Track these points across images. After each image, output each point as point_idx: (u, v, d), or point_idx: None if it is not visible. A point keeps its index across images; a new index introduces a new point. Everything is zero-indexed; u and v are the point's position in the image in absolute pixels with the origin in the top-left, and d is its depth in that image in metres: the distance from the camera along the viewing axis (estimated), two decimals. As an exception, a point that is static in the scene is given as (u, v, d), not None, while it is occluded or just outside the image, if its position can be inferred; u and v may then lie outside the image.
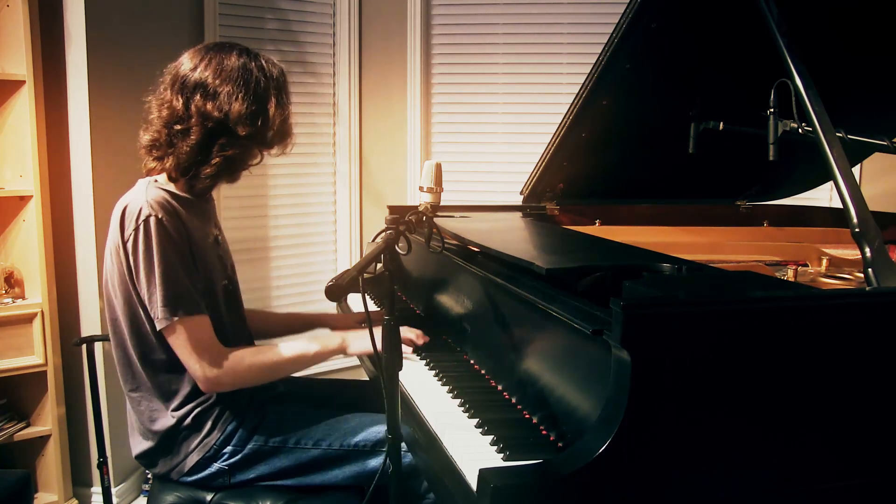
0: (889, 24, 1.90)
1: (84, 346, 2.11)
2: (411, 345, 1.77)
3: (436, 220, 1.59)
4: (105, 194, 2.56)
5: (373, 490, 1.46)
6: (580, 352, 1.24)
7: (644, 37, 1.85)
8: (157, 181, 1.65)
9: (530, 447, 1.25)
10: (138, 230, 1.53)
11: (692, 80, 2.04)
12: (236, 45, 1.66)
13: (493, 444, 1.26)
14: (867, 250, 1.32)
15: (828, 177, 1.45)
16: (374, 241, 1.67)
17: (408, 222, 1.44)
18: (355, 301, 2.30)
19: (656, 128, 2.19)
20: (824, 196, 3.11)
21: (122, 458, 2.69)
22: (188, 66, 1.61)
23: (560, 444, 1.26)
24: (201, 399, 1.64)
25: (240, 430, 1.65)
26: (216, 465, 1.64)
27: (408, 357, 1.74)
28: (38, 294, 2.42)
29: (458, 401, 1.48)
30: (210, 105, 1.58)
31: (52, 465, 2.49)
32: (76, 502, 2.58)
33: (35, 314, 2.39)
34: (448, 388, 1.56)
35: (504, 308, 1.56)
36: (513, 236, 2.02)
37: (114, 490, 2.54)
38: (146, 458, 1.69)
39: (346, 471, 1.66)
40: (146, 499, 2.50)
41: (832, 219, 2.50)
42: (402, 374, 1.34)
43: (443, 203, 1.61)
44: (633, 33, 1.83)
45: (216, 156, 1.61)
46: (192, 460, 1.64)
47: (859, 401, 1.18)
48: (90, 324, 2.55)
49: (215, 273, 1.70)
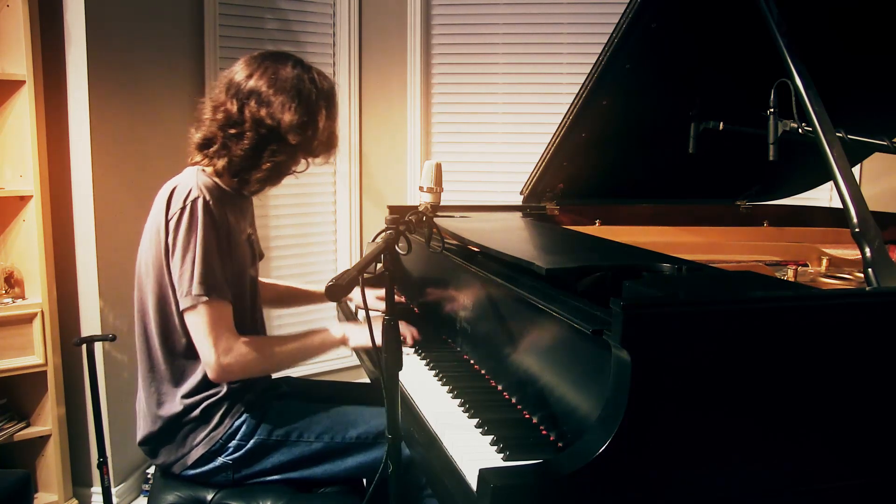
0: (889, 24, 1.90)
1: (84, 346, 2.10)
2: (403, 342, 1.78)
3: (436, 220, 1.59)
4: (105, 194, 2.56)
5: (374, 487, 1.46)
6: (580, 352, 1.24)
7: (644, 37, 1.85)
8: (204, 171, 1.69)
9: (530, 447, 1.25)
10: (184, 209, 1.58)
11: (692, 80, 2.04)
12: (291, 56, 1.72)
13: (493, 444, 1.26)
14: (867, 250, 1.32)
15: (828, 177, 1.45)
16: (374, 241, 1.67)
17: (408, 222, 1.44)
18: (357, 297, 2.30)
19: (656, 128, 2.19)
20: (824, 196, 3.11)
21: (122, 458, 2.69)
22: (244, 73, 1.67)
23: (560, 444, 1.26)
24: (212, 391, 1.66)
25: (245, 425, 1.66)
26: (220, 460, 1.65)
27: (407, 353, 1.75)
28: (38, 294, 2.42)
29: (458, 401, 1.48)
30: (264, 112, 1.63)
31: (52, 465, 2.49)
32: (76, 502, 2.58)
33: (35, 314, 2.39)
34: (448, 388, 1.56)
35: (504, 308, 1.56)
36: (513, 236, 2.02)
37: (114, 490, 2.54)
38: (149, 444, 1.70)
39: (348, 463, 1.68)
40: (146, 499, 2.50)
41: (832, 219, 2.50)
42: (402, 374, 1.34)
43: (443, 203, 1.61)
44: (633, 33, 1.83)
45: (266, 160, 1.67)
46: (198, 453, 1.65)
47: (859, 401, 1.18)
48: (90, 324, 2.55)
49: (246, 266, 1.74)
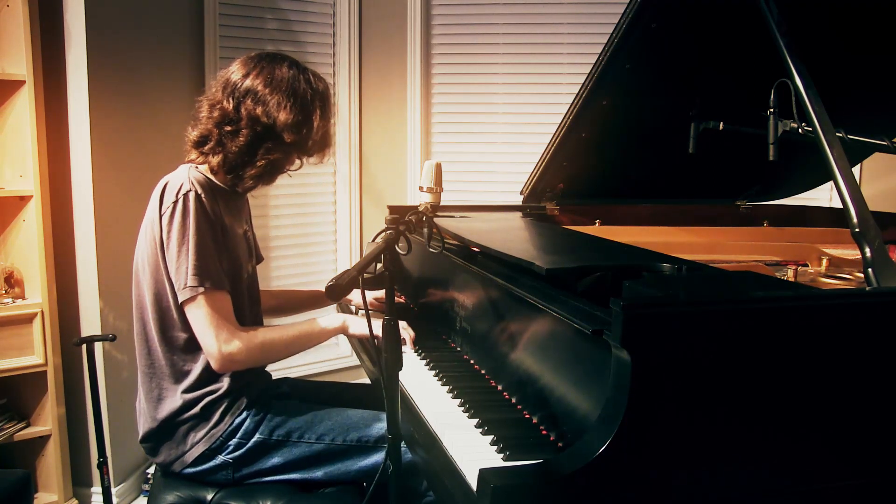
0: (889, 25, 1.90)
1: (84, 346, 2.11)
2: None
3: (436, 220, 1.59)
4: (105, 194, 2.56)
5: (374, 488, 1.46)
6: (580, 352, 1.24)
7: (644, 37, 1.85)
8: (197, 167, 1.71)
9: (530, 447, 1.25)
10: (177, 203, 1.60)
11: (692, 80, 2.04)
12: (287, 56, 1.74)
13: (493, 444, 1.26)
14: (867, 250, 1.32)
15: (828, 177, 1.45)
16: (374, 241, 1.67)
17: (408, 222, 1.44)
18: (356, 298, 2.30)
19: (656, 128, 2.19)
20: (824, 196, 3.11)
21: (122, 458, 2.69)
22: (240, 72, 1.70)
23: (560, 444, 1.26)
24: (212, 388, 1.66)
25: (245, 424, 1.67)
26: (220, 458, 1.66)
27: (405, 352, 1.75)
28: (38, 294, 2.42)
29: (458, 401, 1.48)
30: (260, 110, 1.66)
31: (52, 465, 2.49)
32: (76, 502, 2.58)
33: (35, 314, 2.40)
34: (448, 388, 1.56)
35: (504, 308, 1.56)
36: (513, 236, 2.02)
37: (114, 490, 2.54)
38: (150, 441, 1.70)
39: (348, 465, 1.68)
40: (146, 499, 2.50)
41: (832, 219, 2.50)
42: (402, 374, 1.34)
43: (443, 203, 1.61)
44: (633, 33, 1.83)
45: (261, 158, 1.69)
46: (198, 451, 1.65)
47: (859, 401, 1.18)
48: (90, 324, 2.55)
49: (242, 262, 1.75)
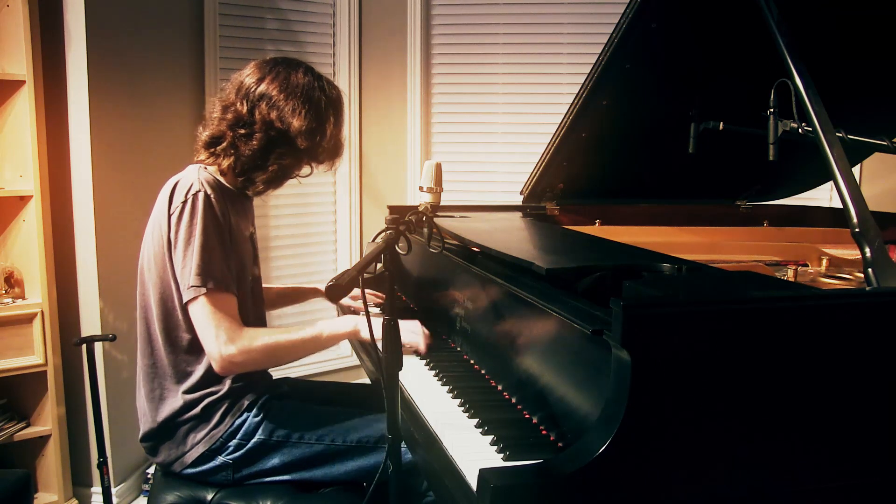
0: (889, 26, 1.90)
1: (84, 346, 2.11)
2: (416, 348, 1.77)
3: (436, 220, 1.59)
4: (105, 194, 2.56)
5: (373, 488, 1.46)
6: (580, 352, 1.24)
7: (644, 37, 1.85)
8: (206, 168, 1.71)
9: (530, 447, 1.25)
10: (186, 203, 1.60)
11: (692, 80, 2.04)
12: (302, 63, 1.75)
13: (493, 444, 1.26)
14: (867, 250, 1.32)
15: (828, 177, 1.45)
16: (374, 241, 1.68)
17: (408, 222, 1.43)
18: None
19: (656, 128, 2.19)
20: (824, 196, 3.11)
21: (122, 458, 2.69)
22: (255, 76, 1.70)
23: (560, 444, 1.26)
24: (213, 389, 1.66)
25: (246, 424, 1.66)
26: (220, 459, 1.65)
27: (419, 344, 1.76)
28: (38, 294, 2.42)
29: (458, 401, 1.48)
30: (274, 115, 1.66)
31: (52, 465, 2.49)
32: (76, 502, 2.58)
33: (35, 314, 2.40)
34: (448, 388, 1.56)
35: (504, 308, 1.56)
36: (513, 236, 2.02)
37: (114, 490, 2.54)
38: (150, 441, 1.70)
39: (348, 466, 1.67)
40: (146, 499, 2.50)
41: (832, 219, 2.50)
42: (402, 374, 1.34)
43: (443, 203, 1.61)
44: (633, 33, 1.83)
45: (273, 163, 1.70)
46: (198, 452, 1.65)
47: (859, 401, 1.17)
48: (90, 324, 2.55)
49: (248, 264, 1.76)
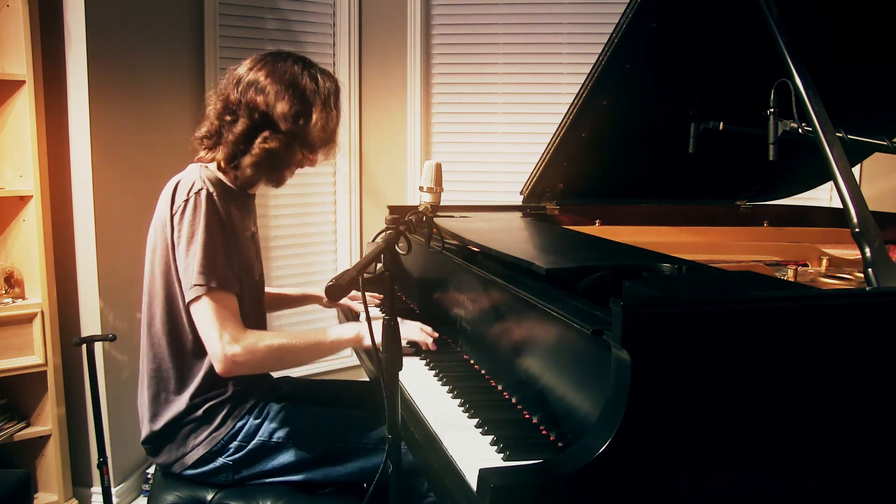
0: (888, 26, 1.90)
1: (84, 346, 2.11)
2: (424, 346, 1.77)
3: (436, 220, 1.59)
4: (105, 194, 2.56)
5: (373, 489, 1.46)
6: (580, 352, 1.24)
7: (644, 37, 1.85)
8: (207, 167, 1.71)
9: (530, 447, 1.25)
10: (188, 201, 1.59)
11: (692, 80, 2.04)
12: (298, 56, 1.75)
13: (493, 444, 1.26)
14: (867, 250, 1.32)
15: (828, 177, 1.45)
16: (374, 241, 1.67)
17: (408, 222, 1.44)
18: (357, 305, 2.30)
19: (656, 128, 2.19)
20: (824, 196, 3.11)
21: (122, 458, 2.69)
22: (246, 67, 1.72)
23: (560, 444, 1.26)
24: (216, 392, 1.66)
25: (246, 426, 1.66)
26: (220, 460, 1.65)
27: (427, 342, 1.76)
28: (38, 294, 2.42)
29: (458, 401, 1.48)
30: (260, 99, 1.67)
31: (52, 465, 2.49)
32: (76, 502, 2.58)
33: (35, 314, 2.40)
34: (448, 388, 1.56)
35: (504, 308, 1.56)
36: (513, 236, 2.02)
37: (114, 490, 2.54)
38: (152, 443, 1.70)
39: (348, 468, 1.67)
40: (146, 499, 2.50)
41: (832, 219, 2.50)
42: (402, 374, 1.34)
43: (443, 203, 1.61)
44: (633, 33, 1.83)
45: (257, 147, 1.68)
46: (198, 453, 1.65)
47: (860, 401, 1.18)
48: (90, 324, 2.55)
49: (251, 264, 1.75)
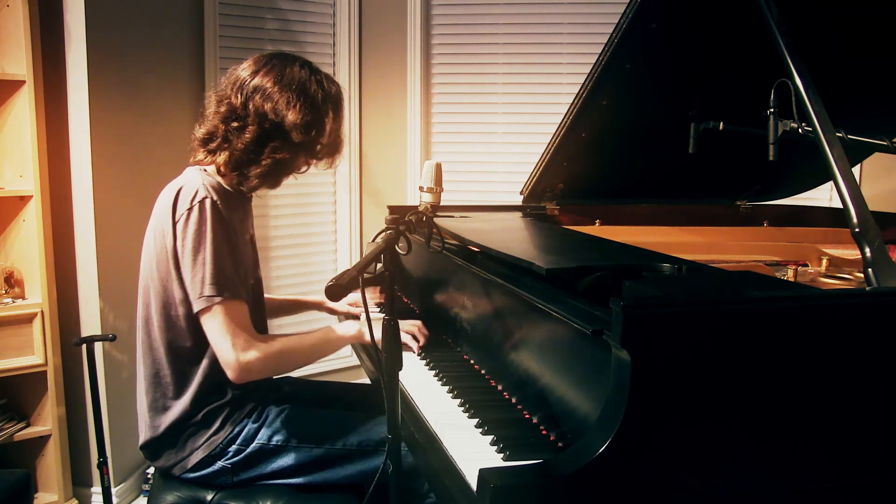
0: (888, 26, 1.90)
1: (84, 346, 2.10)
2: (413, 339, 1.79)
3: (436, 220, 1.59)
4: (105, 194, 2.56)
5: (374, 490, 1.46)
6: (580, 352, 1.24)
7: (644, 37, 1.85)
8: (206, 171, 1.68)
9: (530, 447, 1.25)
10: (192, 210, 1.57)
11: (692, 80, 2.04)
12: (300, 58, 1.71)
13: (493, 444, 1.26)
14: (867, 250, 1.32)
15: (828, 177, 1.45)
16: (374, 241, 1.68)
17: (408, 222, 1.44)
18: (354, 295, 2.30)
19: (656, 128, 2.19)
20: (824, 196, 3.11)
21: (122, 458, 2.69)
22: (250, 69, 1.67)
23: (560, 444, 1.26)
24: (214, 396, 1.65)
25: (245, 430, 1.66)
26: (220, 463, 1.65)
27: (410, 345, 1.78)
28: (38, 294, 2.42)
29: (458, 401, 1.48)
30: (268, 107, 1.62)
31: (52, 465, 2.49)
32: (76, 502, 2.58)
33: (35, 314, 2.39)
34: (448, 388, 1.56)
35: (504, 308, 1.56)
36: (513, 236, 2.02)
37: (114, 490, 2.54)
38: (151, 448, 1.69)
39: (348, 470, 1.67)
40: (146, 499, 2.50)
41: (832, 219, 2.50)
42: (402, 374, 1.34)
43: (443, 203, 1.61)
44: (633, 33, 1.83)
45: (267, 157, 1.65)
46: (198, 457, 1.65)
47: (860, 401, 1.18)
48: (90, 324, 2.55)
49: (249, 268, 1.74)
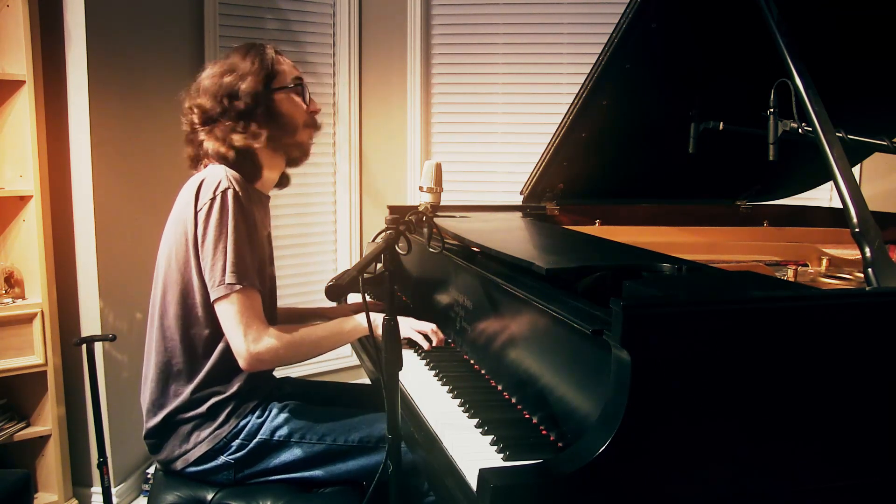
0: (889, 26, 1.90)
1: (84, 346, 2.11)
2: (424, 339, 1.80)
3: (436, 220, 1.59)
4: (105, 194, 2.56)
5: (374, 487, 1.47)
6: (580, 352, 1.24)
7: (644, 37, 1.85)
8: (228, 168, 1.70)
9: (530, 447, 1.25)
10: (215, 199, 1.60)
11: (692, 80, 2.04)
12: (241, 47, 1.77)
13: (493, 444, 1.26)
14: (867, 250, 1.32)
15: (828, 177, 1.45)
16: (374, 241, 1.68)
17: (408, 222, 1.44)
18: (355, 300, 2.30)
19: (656, 128, 2.19)
20: (824, 196, 3.11)
21: (122, 458, 2.69)
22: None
23: (560, 444, 1.26)
24: (220, 388, 1.67)
25: (249, 425, 1.67)
26: (222, 458, 1.66)
27: (421, 343, 1.79)
28: (38, 294, 2.42)
29: (458, 401, 1.48)
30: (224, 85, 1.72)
31: (52, 465, 2.49)
32: (76, 502, 2.58)
33: (35, 314, 2.39)
34: (448, 388, 1.56)
35: (504, 308, 1.56)
36: (513, 236, 2.02)
37: (114, 490, 2.54)
38: (154, 437, 1.70)
39: (349, 466, 1.68)
40: (146, 499, 2.50)
41: (832, 219, 2.50)
42: (402, 374, 1.34)
43: (443, 203, 1.61)
44: (633, 33, 1.83)
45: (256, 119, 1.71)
46: (201, 451, 1.65)
47: (859, 401, 1.18)
48: (90, 324, 2.55)
49: (265, 263, 1.77)
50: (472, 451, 1.24)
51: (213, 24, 3.10)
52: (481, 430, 1.32)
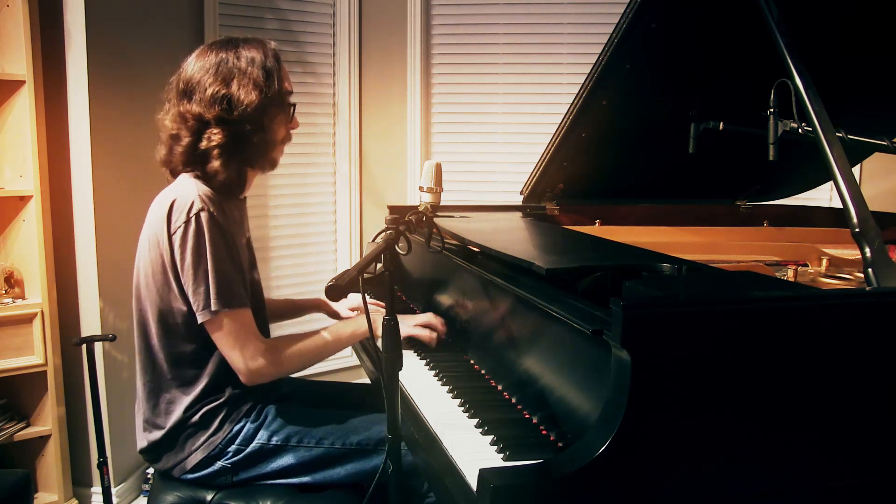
0: (889, 26, 1.90)
1: (84, 346, 2.11)
2: (433, 333, 1.81)
3: (436, 220, 1.59)
4: (105, 194, 2.56)
5: (374, 489, 1.46)
6: (580, 352, 1.24)
7: (644, 37, 1.85)
8: (198, 178, 1.66)
9: (530, 447, 1.25)
10: (189, 223, 1.56)
11: (692, 80, 2.04)
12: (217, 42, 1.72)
13: (493, 444, 1.26)
14: (867, 250, 1.32)
15: (828, 177, 1.45)
16: (374, 241, 1.67)
17: (408, 222, 1.43)
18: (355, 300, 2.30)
19: (656, 128, 2.19)
20: (824, 196, 3.11)
21: (122, 458, 2.69)
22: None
23: (560, 444, 1.26)
24: (212, 397, 1.65)
25: (245, 429, 1.66)
26: (219, 464, 1.65)
27: (422, 335, 1.80)
28: (38, 294, 2.42)
29: (458, 401, 1.48)
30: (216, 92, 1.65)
31: (52, 465, 2.49)
32: (76, 502, 2.58)
33: (35, 314, 2.39)
34: (448, 388, 1.56)
35: (504, 308, 1.56)
36: (513, 236, 2.02)
37: (114, 490, 2.54)
38: (152, 451, 1.69)
39: (348, 469, 1.67)
40: (146, 499, 2.50)
41: (832, 219, 2.50)
42: (402, 374, 1.34)
43: (443, 203, 1.61)
44: (633, 33, 1.83)
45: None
46: (197, 458, 1.64)
47: (859, 401, 1.18)
48: (90, 324, 2.55)
49: (246, 272, 1.74)
50: (472, 451, 1.24)
51: (213, 24, 3.10)
52: (481, 430, 1.32)
